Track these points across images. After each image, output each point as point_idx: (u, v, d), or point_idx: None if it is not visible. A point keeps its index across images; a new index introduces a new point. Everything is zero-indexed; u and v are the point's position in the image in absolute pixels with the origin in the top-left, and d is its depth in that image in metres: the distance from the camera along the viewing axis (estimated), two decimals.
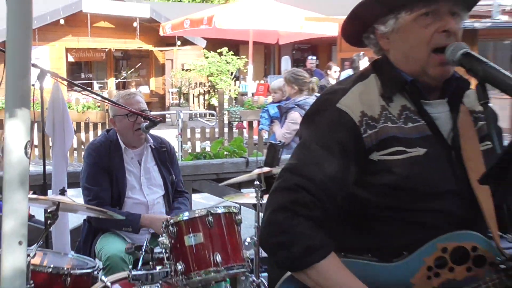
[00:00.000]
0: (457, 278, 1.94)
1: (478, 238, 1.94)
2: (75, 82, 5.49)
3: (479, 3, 2.16)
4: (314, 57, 16.76)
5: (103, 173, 4.42)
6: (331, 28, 16.61)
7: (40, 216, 3.72)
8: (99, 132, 13.12)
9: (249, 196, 4.65)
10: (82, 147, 12.90)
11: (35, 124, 4.38)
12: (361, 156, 1.96)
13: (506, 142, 2.05)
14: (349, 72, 11.05)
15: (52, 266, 3.60)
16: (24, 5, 2.28)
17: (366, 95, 2.02)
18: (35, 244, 3.42)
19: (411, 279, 1.95)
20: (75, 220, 4.81)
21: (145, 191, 4.55)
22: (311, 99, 7.24)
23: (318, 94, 7.80)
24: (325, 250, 1.90)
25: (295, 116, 7.29)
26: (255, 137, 12.41)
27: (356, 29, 2.15)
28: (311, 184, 1.91)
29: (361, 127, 1.96)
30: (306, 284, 1.95)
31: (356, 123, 1.96)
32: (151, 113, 5.18)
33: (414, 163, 1.95)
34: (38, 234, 3.62)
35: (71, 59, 22.70)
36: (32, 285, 3.15)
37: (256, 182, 4.39)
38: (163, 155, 4.71)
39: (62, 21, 20.37)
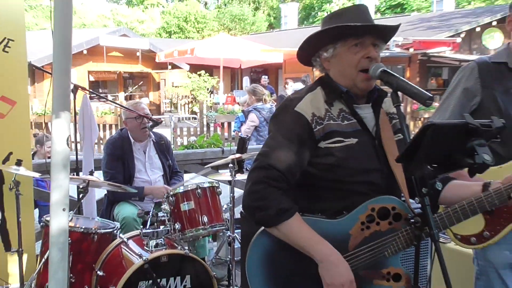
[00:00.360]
0: (382, 229, 1.95)
1: (396, 201, 1.96)
2: (97, 93, 5.42)
3: None
4: (266, 76, 16.82)
5: (118, 160, 4.41)
6: (278, 57, 16.71)
7: (74, 191, 3.63)
8: (113, 131, 13.36)
9: (225, 175, 4.62)
10: (101, 142, 12.97)
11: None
12: (313, 144, 1.97)
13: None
14: (299, 85, 11.20)
15: (83, 227, 3.54)
16: (65, 37, 2.30)
17: (315, 101, 2.02)
18: (71, 212, 3.35)
19: (349, 231, 1.95)
20: (98, 194, 4.73)
21: (149, 172, 4.54)
22: (264, 106, 7.54)
23: (270, 103, 7.98)
24: (292, 211, 1.90)
25: (253, 116, 7.53)
26: (226, 133, 12.57)
27: (306, 54, 2.15)
28: (278, 164, 1.92)
29: (312, 124, 1.97)
30: (277, 236, 1.94)
31: (309, 121, 1.97)
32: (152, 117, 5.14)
33: (349, 149, 1.97)
34: (73, 204, 3.54)
35: (91, 78, 22.73)
36: (70, 241, 3.05)
37: (230, 165, 4.39)
38: (162, 146, 4.71)
39: (85, 52, 20.36)
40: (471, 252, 2.73)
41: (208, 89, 22.34)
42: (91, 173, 3.93)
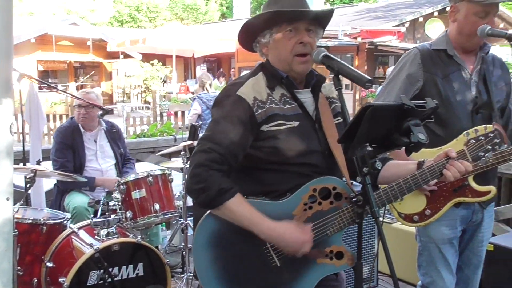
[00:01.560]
0: (324, 209, 1.97)
1: (337, 181, 1.98)
2: (46, 83, 5.25)
3: (329, 28, 2.21)
4: (205, 65, 16.73)
5: (68, 148, 4.30)
6: (231, 46, 16.63)
7: (21, 181, 3.52)
8: (64, 121, 12.88)
9: (177, 162, 4.58)
10: (51, 132, 12.61)
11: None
12: (255, 128, 1.96)
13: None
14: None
15: (31, 218, 3.40)
16: (5, 16, 2.16)
17: (256, 86, 2.02)
18: (18, 203, 3.25)
19: (293, 211, 1.97)
20: (47, 185, 4.60)
21: (100, 161, 4.45)
22: (206, 94, 7.53)
23: (214, 91, 8.01)
24: (233, 191, 1.90)
25: (196, 105, 7.61)
26: (180, 122, 12.46)
27: (247, 40, 2.14)
28: (219, 147, 1.91)
29: (254, 107, 1.96)
30: (222, 217, 1.94)
31: (250, 105, 1.96)
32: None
33: (291, 132, 1.98)
34: (21, 195, 3.44)
35: (41, 68, 22.00)
36: (17, 232, 2.94)
37: (182, 152, 4.36)
38: (113, 135, 4.61)
39: (33, 40, 19.68)
40: (414, 230, 2.82)
41: (161, 78, 22.06)
42: (38, 163, 3.80)
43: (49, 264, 3.35)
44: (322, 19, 2.06)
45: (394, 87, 2.64)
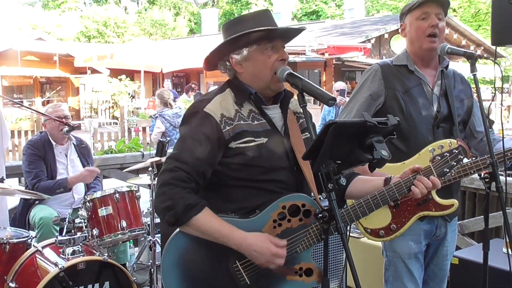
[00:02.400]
0: (293, 226, 1.98)
1: (305, 198, 2.00)
2: (10, 99, 5.14)
3: (296, 44, 2.25)
4: (169, 80, 16.76)
5: (40, 160, 4.27)
6: (199, 61, 16.58)
7: None
8: (29, 137, 12.63)
9: (145, 179, 4.54)
10: (16, 149, 12.35)
11: None
12: (222, 145, 1.96)
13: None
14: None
15: None
16: None
17: (224, 102, 2.02)
18: None
19: (262, 229, 1.96)
20: (11, 202, 4.50)
21: (70, 175, 4.37)
22: (169, 110, 7.60)
23: (177, 107, 8.02)
24: (200, 206, 1.90)
25: (159, 123, 7.66)
26: (148, 138, 12.35)
27: (216, 58, 2.12)
28: (186, 166, 1.91)
29: (221, 124, 1.96)
30: (191, 234, 1.93)
31: (217, 122, 1.96)
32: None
33: (260, 148, 1.98)
34: None
35: (5, 83, 21.52)
36: None
37: (150, 169, 4.32)
38: (83, 150, 4.59)
39: None
40: (381, 245, 2.85)
41: (129, 94, 21.88)
42: (1, 180, 3.71)
43: (12, 285, 3.26)
44: (293, 36, 2.10)
45: (356, 103, 2.70)
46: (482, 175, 2.38)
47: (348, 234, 1.85)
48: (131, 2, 43.64)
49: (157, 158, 4.43)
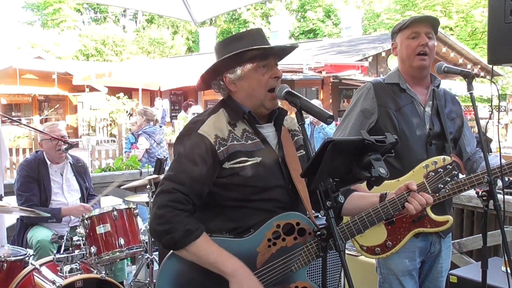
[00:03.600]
0: (288, 245, 1.99)
1: (300, 216, 2.01)
2: (9, 117, 5.17)
3: (294, 62, 2.29)
4: (159, 99, 16.87)
5: (33, 182, 4.24)
6: (197, 80, 16.64)
7: None
8: (27, 155, 12.64)
9: (143, 196, 4.54)
10: (14, 166, 12.32)
11: None
12: (217, 165, 1.97)
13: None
14: (199, 108, 11.47)
15: None
16: None
17: (217, 123, 2.04)
18: None
19: (257, 248, 1.97)
20: (9, 221, 4.48)
21: (66, 195, 4.40)
22: (151, 127, 7.63)
23: (159, 125, 8.09)
24: (199, 231, 1.90)
25: (143, 140, 7.66)
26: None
27: (210, 78, 2.14)
28: (182, 187, 1.92)
29: (216, 145, 1.97)
30: (186, 258, 1.93)
31: (212, 143, 1.97)
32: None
33: (254, 167, 1.99)
34: None
35: (4, 101, 21.58)
36: None
37: (148, 186, 4.32)
38: (79, 168, 4.58)
39: None
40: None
41: (127, 111, 21.92)
42: (0, 198, 3.72)
43: None
44: (286, 54, 2.13)
45: (350, 121, 2.74)
46: (479, 193, 2.40)
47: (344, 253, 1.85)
48: (129, 21, 43.99)
49: (155, 176, 4.44)
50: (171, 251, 1.96)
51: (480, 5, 26.31)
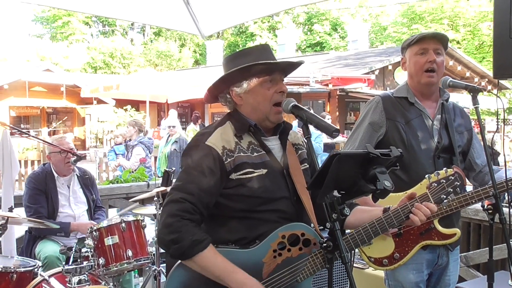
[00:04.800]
0: (293, 255, 2.02)
1: (305, 227, 2.04)
2: (18, 129, 5.24)
3: (301, 75, 2.34)
4: (175, 110, 17.01)
5: (41, 194, 4.29)
6: (204, 92, 16.71)
7: None
8: (36, 167, 12.74)
9: (151, 208, 4.58)
10: (22, 178, 12.41)
11: None
12: (224, 176, 2.02)
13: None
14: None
15: (1, 266, 3.33)
16: None
17: (224, 135, 2.08)
18: None
19: (263, 259, 2.00)
20: (18, 232, 4.53)
21: (73, 207, 4.44)
22: (145, 139, 7.99)
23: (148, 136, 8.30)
24: (206, 242, 1.94)
25: (139, 150, 7.77)
26: (152, 167, 12.39)
27: (217, 91, 2.20)
28: (191, 197, 1.96)
29: (223, 156, 2.02)
30: (193, 268, 1.96)
31: (219, 154, 2.02)
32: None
33: (259, 179, 2.04)
34: None
35: (13, 114, 21.75)
36: None
37: (155, 198, 4.35)
38: (86, 181, 4.63)
39: (6, 86, 19.50)
40: (383, 275, 2.88)
41: None
42: (10, 210, 3.76)
43: None
44: (292, 69, 2.18)
45: (359, 134, 2.77)
46: (485, 207, 2.42)
47: (351, 263, 1.88)
48: (137, 33, 44.38)
49: (163, 188, 4.47)
50: (179, 261, 1.99)
51: (487, 18, 26.34)
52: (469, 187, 2.78)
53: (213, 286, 1.95)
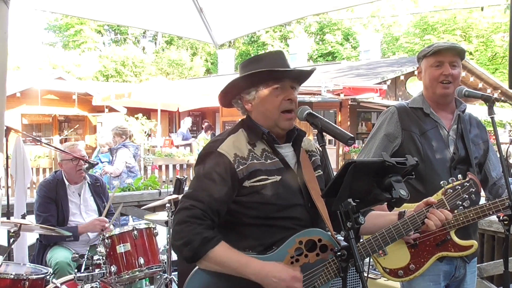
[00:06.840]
0: (311, 261, 2.02)
1: (321, 233, 2.04)
2: (31, 136, 5.30)
3: (313, 84, 2.34)
4: (190, 118, 17.15)
5: (51, 202, 4.30)
6: (215, 101, 16.80)
7: (4, 237, 3.51)
8: (47, 175, 12.78)
9: (162, 215, 4.59)
10: (34, 186, 12.43)
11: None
12: (236, 184, 2.02)
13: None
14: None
15: (14, 273, 3.38)
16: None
17: (237, 142, 2.10)
18: (1, 257, 3.23)
19: None
20: (30, 239, 4.56)
21: (84, 215, 4.46)
22: (130, 143, 8.06)
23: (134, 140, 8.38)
24: (217, 239, 1.95)
25: (123, 151, 7.89)
26: (164, 176, 12.41)
27: (228, 96, 2.22)
28: (201, 204, 1.97)
29: (235, 164, 2.03)
30: (209, 269, 1.97)
31: (231, 161, 2.03)
32: None
33: (274, 186, 2.04)
34: (4, 250, 3.41)
35: (25, 121, 21.94)
36: None
37: (167, 205, 4.37)
38: (97, 188, 4.65)
39: (18, 94, 19.69)
40: (398, 286, 2.85)
41: (145, 132, 22.12)
42: (23, 217, 3.80)
43: None
44: (303, 77, 2.18)
45: (374, 144, 2.77)
46: (500, 218, 2.40)
47: (367, 274, 1.87)
48: (149, 42, 44.70)
49: (175, 196, 4.49)
50: (197, 266, 1.99)
51: (500, 30, 26.23)
52: (482, 199, 2.76)
53: (234, 285, 1.95)
